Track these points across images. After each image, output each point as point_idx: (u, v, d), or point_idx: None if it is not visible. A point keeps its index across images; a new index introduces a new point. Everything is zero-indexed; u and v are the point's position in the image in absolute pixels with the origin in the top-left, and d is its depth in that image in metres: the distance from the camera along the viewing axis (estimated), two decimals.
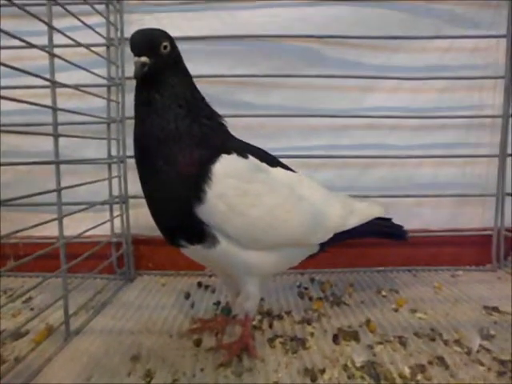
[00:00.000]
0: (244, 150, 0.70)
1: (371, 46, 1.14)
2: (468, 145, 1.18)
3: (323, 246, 0.79)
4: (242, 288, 0.75)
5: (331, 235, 0.78)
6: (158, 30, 0.67)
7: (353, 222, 0.81)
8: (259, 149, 0.75)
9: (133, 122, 0.69)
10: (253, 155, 0.70)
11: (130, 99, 1.06)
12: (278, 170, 0.74)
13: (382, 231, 0.91)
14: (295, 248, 0.76)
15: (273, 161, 0.75)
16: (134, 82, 0.68)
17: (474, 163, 1.19)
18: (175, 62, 0.68)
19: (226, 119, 0.73)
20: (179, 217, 0.66)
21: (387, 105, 1.16)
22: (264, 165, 0.71)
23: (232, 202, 0.65)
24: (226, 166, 0.66)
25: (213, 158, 0.65)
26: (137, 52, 0.65)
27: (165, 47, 0.65)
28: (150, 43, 0.65)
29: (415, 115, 1.14)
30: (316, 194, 0.77)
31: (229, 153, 0.67)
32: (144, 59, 0.64)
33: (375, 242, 1.11)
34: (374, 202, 0.90)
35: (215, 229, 0.66)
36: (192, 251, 0.70)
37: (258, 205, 0.68)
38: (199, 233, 0.66)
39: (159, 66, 0.65)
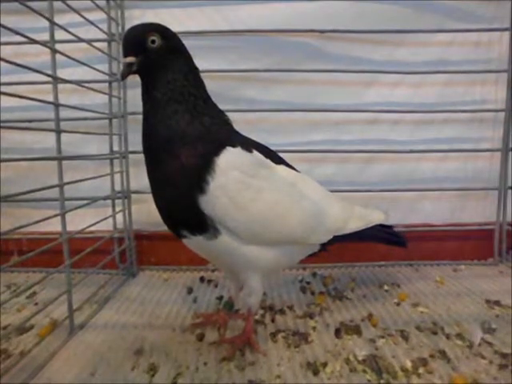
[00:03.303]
0: (249, 144, 0.70)
1: (373, 41, 1.14)
2: (470, 139, 1.18)
3: (324, 245, 0.79)
4: (245, 283, 0.75)
5: (331, 237, 0.78)
6: (144, 25, 0.67)
7: (353, 226, 0.81)
8: (264, 146, 0.75)
9: (134, 117, 0.69)
10: (257, 151, 0.71)
11: (131, 95, 1.07)
12: (282, 168, 0.74)
13: (381, 237, 0.91)
14: (295, 246, 0.76)
15: (277, 158, 0.75)
16: (135, 78, 0.68)
17: (476, 157, 1.18)
18: (171, 54, 0.66)
19: (227, 114, 0.73)
20: (182, 207, 0.67)
21: (389, 99, 1.16)
22: (268, 161, 0.71)
23: (234, 194, 0.65)
24: (230, 159, 0.66)
25: (217, 150, 0.66)
26: (123, 53, 0.66)
27: (153, 41, 0.65)
28: (135, 41, 0.65)
29: (417, 110, 1.14)
30: (317, 195, 0.77)
31: (234, 146, 0.67)
32: (129, 59, 0.64)
33: None
34: (375, 208, 0.90)
35: (216, 220, 0.66)
36: (194, 242, 0.70)
37: (260, 200, 0.68)
38: (201, 223, 0.66)
39: (149, 61, 0.65)
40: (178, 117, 0.66)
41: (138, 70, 0.66)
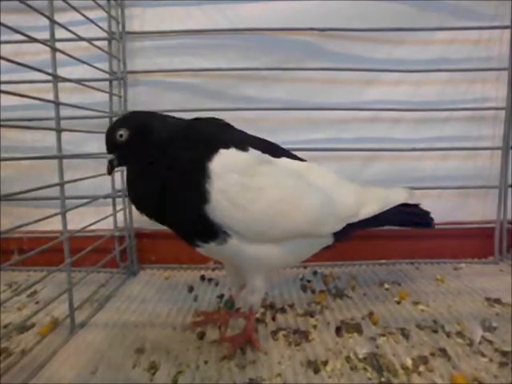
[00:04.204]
0: (244, 142, 0.69)
1: (373, 39, 1.13)
2: (471, 137, 1.17)
3: (338, 237, 0.76)
4: (248, 281, 0.74)
5: (343, 225, 0.75)
6: (115, 122, 0.72)
7: (368, 210, 0.77)
8: (263, 140, 0.73)
9: None
10: (254, 147, 0.69)
11: (131, 93, 1.07)
12: (283, 161, 0.72)
13: (404, 219, 0.86)
14: (306, 240, 0.73)
15: (277, 151, 0.73)
16: (135, 76, 0.68)
17: (476, 156, 1.18)
18: (140, 140, 0.68)
19: (226, 113, 0.73)
20: (190, 220, 0.66)
21: (389, 98, 1.16)
22: (266, 156, 0.70)
23: (233, 196, 0.65)
24: (223, 162, 0.65)
25: (210, 155, 0.65)
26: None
27: (120, 135, 0.68)
28: (108, 139, 0.70)
29: (418, 108, 1.14)
30: (326, 182, 0.74)
31: (227, 147, 0.66)
32: (109, 157, 0.71)
33: (378, 235, 1.11)
34: (398, 187, 0.85)
35: (222, 225, 0.65)
36: (207, 249, 0.70)
37: (261, 199, 0.67)
38: (210, 231, 0.66)
39: (122, 155, 0.70)
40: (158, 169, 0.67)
41: (119, 164, 0.71)
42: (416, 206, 0.90)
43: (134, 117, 0.72)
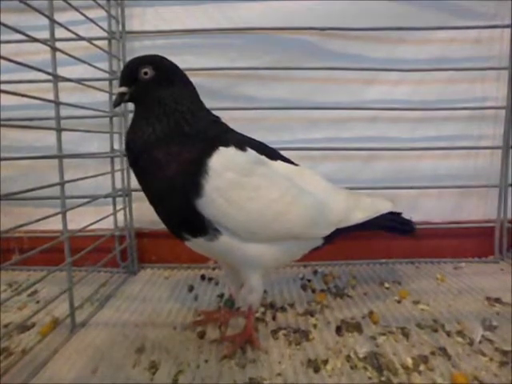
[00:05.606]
0: (243, 143, 0.70)
1: (373, 38, 1.13)
2: (471, 137, 1.17)
3: (327, 239, 0.78)
4: (245, 281, 0.75)
5: (333, 229, 0.77)
6: (141, 58, 0.70)
7: (357, 217, 0.80)
8: (259, 142, 0.74)
9: None
10: (252, 148, 0.70)
11: None
12: (278, 163, 0.73)
13: (388, 226, 0.89)
14: (297, 241, 0.75)
15: (273, 154, 0.74)
16: None
17: (476, 155, 1.18)
18: (161, 85, 0.68)
19: (227, 112, 0.73)
20: (180, 212, 0.67)
21: (390, 97, 1.16)
22: (263, 158, 0.71)
23: (229, 195, 0.65)
24: (223, 159, 0.65)
25: (210, 151, 0.65)
26: (119, 82, 0.70)
27: (145, 73, 0.68)
28: (129, 72, 0.69)
29: (418, 107, 1.14)
30: (318, 188, 0.76)
31: (226, 146, 0.67)
32: (122, 89, 0.69)
33: (378, 235, 1.11)
34: (382, 196, 0.88)
35: (215, 222, 0.66)
36: (195, 244, 0.70)
37: (256, 198, 0.67)
38: (201, 226, 0.66)
39: (139, 92, 0.69)
40: (163, 126, 0.67)
41: (130, 99, 0.70)
42: (399, 214, 0.92)
43: (165, 62, 0.71)
